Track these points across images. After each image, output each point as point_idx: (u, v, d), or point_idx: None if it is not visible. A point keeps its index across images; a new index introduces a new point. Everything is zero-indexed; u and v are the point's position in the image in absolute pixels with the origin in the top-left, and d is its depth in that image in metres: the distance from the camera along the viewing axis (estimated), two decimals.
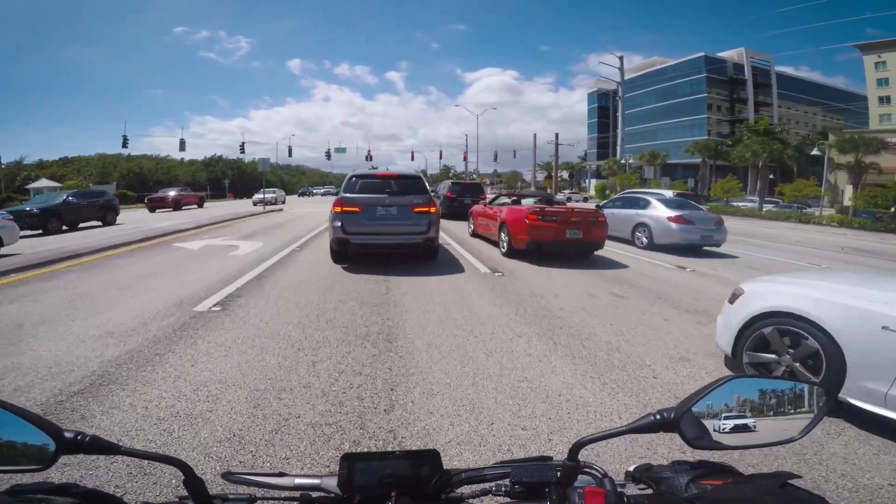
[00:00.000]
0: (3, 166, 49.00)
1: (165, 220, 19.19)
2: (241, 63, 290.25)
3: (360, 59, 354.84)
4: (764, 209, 31.95)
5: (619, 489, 0.67)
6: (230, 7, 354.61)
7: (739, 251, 11.62)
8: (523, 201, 10.44)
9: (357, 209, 7.40)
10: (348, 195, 7.58)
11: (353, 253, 7.69)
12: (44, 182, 57.64)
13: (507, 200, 10.92)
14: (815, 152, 34.36)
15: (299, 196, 62.76)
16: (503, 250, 9.31)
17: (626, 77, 45.93)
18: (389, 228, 7.48)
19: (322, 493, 0.74)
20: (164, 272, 7.39)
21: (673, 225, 10.74)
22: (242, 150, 50.67)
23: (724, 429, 0.70)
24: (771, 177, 48.52)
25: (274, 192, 34.13)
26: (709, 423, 0.69)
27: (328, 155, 53.86)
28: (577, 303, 5.82)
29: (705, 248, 11.13)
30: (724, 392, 0.69)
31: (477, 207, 12.22)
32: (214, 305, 5.35)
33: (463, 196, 18.54)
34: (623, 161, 46.81)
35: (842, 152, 32.48)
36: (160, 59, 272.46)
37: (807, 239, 17.29)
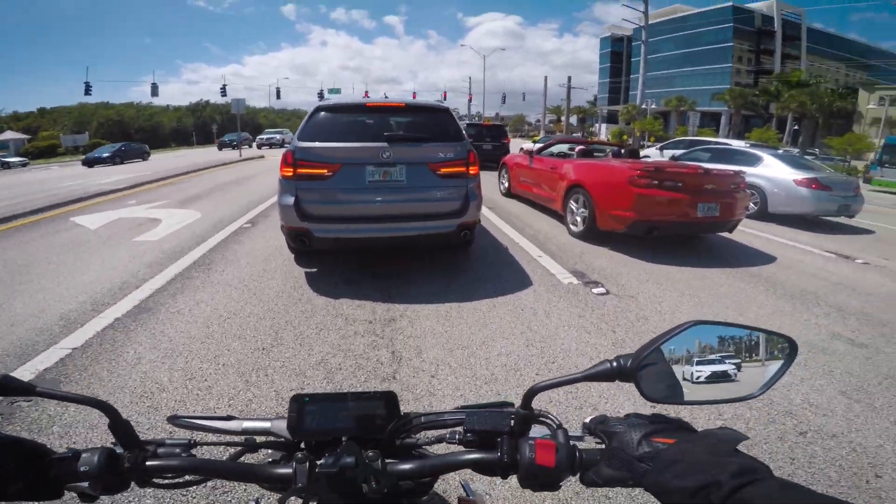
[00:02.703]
0: None
1: (113, 174, 15.63)
2: (233, 10, 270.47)
3: (357, 2, 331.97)
4: None
5: (573, 441, 0.58)
6: None
7: (858, 221, 8.58)
8: (595, 154, 7.04)
9: (326, 171, 3.96)
10: (310, 144, 4.01)
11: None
12: (9, 134, 52.69)
13: (567, 150, 7.55)
14: (871, 105, 30.28)
15: (220, 149, 35.34)
16: (574, 229, 6.01)
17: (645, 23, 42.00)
18: (390, 208, 4.09)
19: (270, 437, 0.66)
20: None
21: (803, 190, 7.58)
22: (224, 93, 45.59)
23: (698, 377, 0.58)
24: (795, 128, 45.31)
25: None
26: (678, 370, 0.58)
27: (321, 96, 48.72)
28: (823, 386, 2.66)
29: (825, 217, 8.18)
30: (686, 338, 0.57)
31: (515, 158, 8.68)
32: None
33: (481, 141, 14.83)
34: (644, 106, 43.45)
35: None
36: (149, 8, 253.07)
37: None
